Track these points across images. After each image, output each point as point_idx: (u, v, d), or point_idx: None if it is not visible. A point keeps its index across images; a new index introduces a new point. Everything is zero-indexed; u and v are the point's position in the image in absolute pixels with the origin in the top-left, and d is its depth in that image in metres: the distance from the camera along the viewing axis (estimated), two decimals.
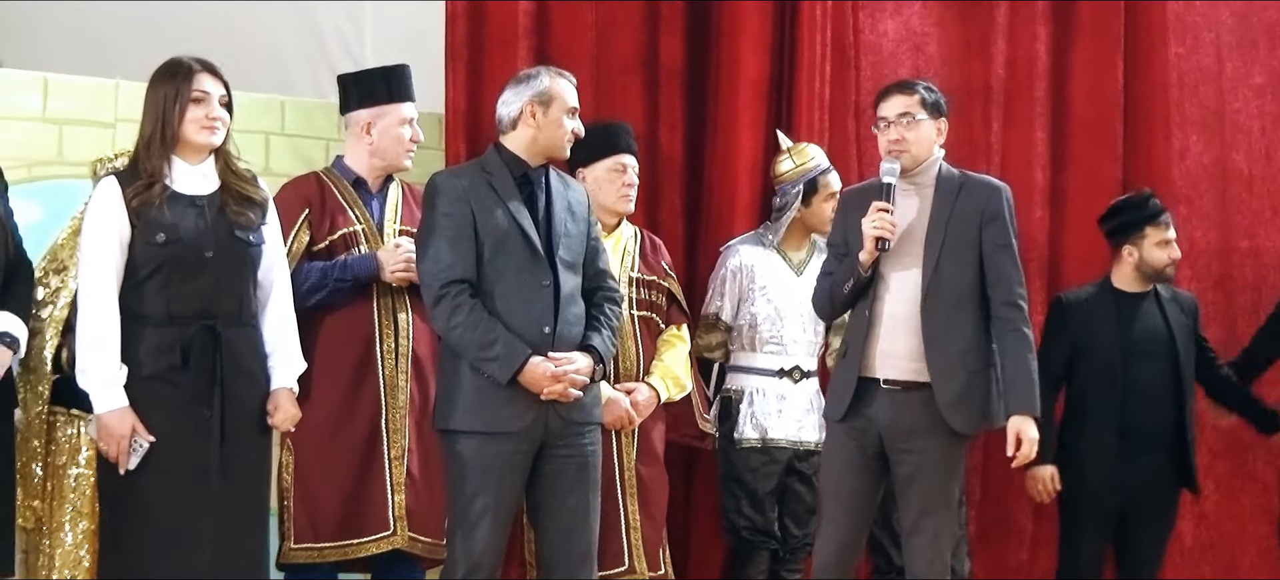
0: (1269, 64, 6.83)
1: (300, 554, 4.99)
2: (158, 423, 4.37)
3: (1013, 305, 4.78)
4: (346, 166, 5.17)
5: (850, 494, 4.90)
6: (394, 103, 5.14)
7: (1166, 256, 5.86)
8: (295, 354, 4.63)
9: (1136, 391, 5.77)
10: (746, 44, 6.28)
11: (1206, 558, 6.68)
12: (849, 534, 4.92)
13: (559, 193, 4.82)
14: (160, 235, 4.38)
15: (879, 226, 4.76)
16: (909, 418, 4.77)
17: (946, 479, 4.83)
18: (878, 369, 4.83)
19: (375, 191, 5.17)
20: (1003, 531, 6.55)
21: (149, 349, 4.38)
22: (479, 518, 4.64)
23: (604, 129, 5.61)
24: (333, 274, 4.98)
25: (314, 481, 5.00)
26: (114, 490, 4.43)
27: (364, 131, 5.13)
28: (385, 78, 5.18)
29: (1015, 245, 4.83)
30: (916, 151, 4.86)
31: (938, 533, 4.81)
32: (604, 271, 4.90)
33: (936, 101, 4.91)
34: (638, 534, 5.39)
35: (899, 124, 4.85)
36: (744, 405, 5.77)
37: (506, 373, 4.58)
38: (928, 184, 4.87)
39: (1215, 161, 6.79)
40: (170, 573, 4.37)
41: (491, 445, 4.63)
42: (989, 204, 4.82)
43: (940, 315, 4.76)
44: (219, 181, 4.51)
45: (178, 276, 4.40)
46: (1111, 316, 5.83)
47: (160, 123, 4.44)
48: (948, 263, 4.77)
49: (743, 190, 6.20)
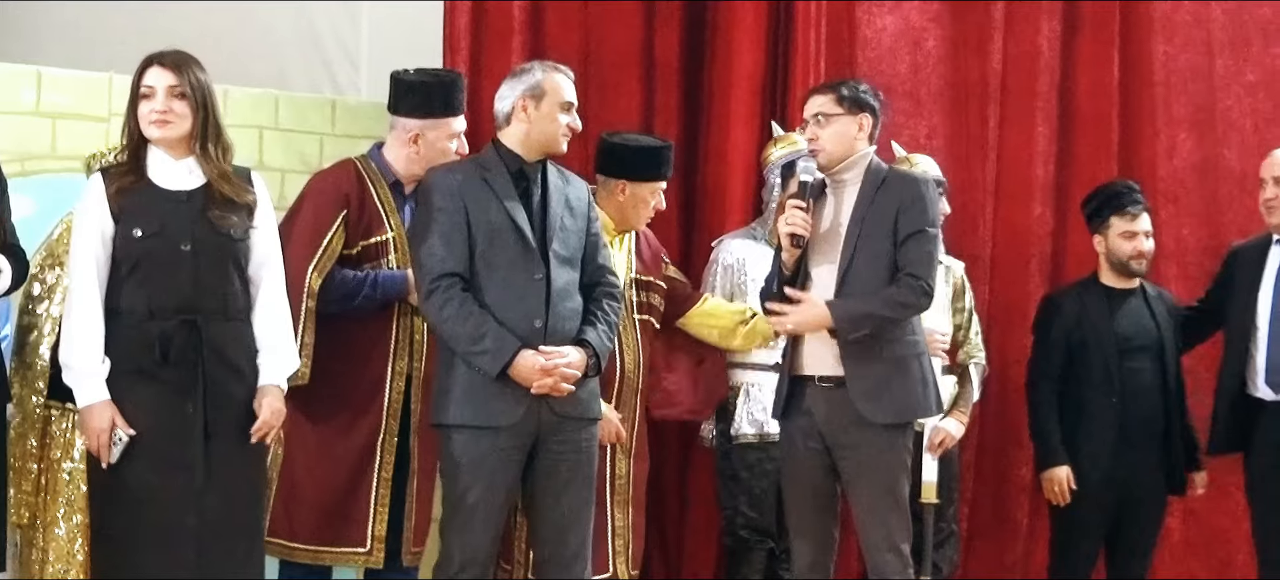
0: (1262, 61, 6.81)
1: (272, 548, 4.95)
2: (139, 417, 4.34)
3: (910, 274, 4.75)
4: (387, 164, 5.10)
5: (810, 493, 4.89)
6: (449, 116, 5.10)
7: (1131, 248, 5.82)
8: (287, 352, 4.58)
9: (1127, 389, 5.75)
10: (742, 40, 6.29)
11: (1197, 555, 6.70)
12: (820, 534, 4.92)
13: (557, 188, 4.79)
14: (137, 230, 4.36)
15: (791, 223, 4.79)
16: (843, 413, 4.77)
17: (890, 472, 4.80)
18: (808, 367, 4.85)
19: (408, 195, 5.10)
20: (997, 528, 6.56)
21: (129, 343, 4.36)
22: (472, 512, 4.62)
23: (656, 152, 5.60)
24: (363, 289, 4.95)
25: (299, 481, 4.99)
26: (100, 485, 4.41)
27: (412, 140, 5.06)
28: (441, 89, 5.12)
29: (932, 233, 4.81)
30: (832, 149, 4.86)
31: (890, 526, 4.79)
32: (604, 267, 4.87)
33: (858, 98, 4.89)
34: (623, 540, 5.40)
35: (814, 123, 4.87)
36: (741, 401, 5.75)
37: (496, 366, 4.57)
38: (854, 180, 4.87)
39: (1205, 159, 6.79)
40: (153, 567, 4.35)
41: (484, 440, 4.61)
42: (906, 193, 4.81)
43: None
44: (204, 178, 4.45)
45: (156, 271, 4.37)
46: (1102, 313, 5.81)
47: (129, 120, 4.45)
48: (862, 256, 4.77)
49: (737, 186, 6.21)
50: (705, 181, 6.34)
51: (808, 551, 4.92)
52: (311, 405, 4.89)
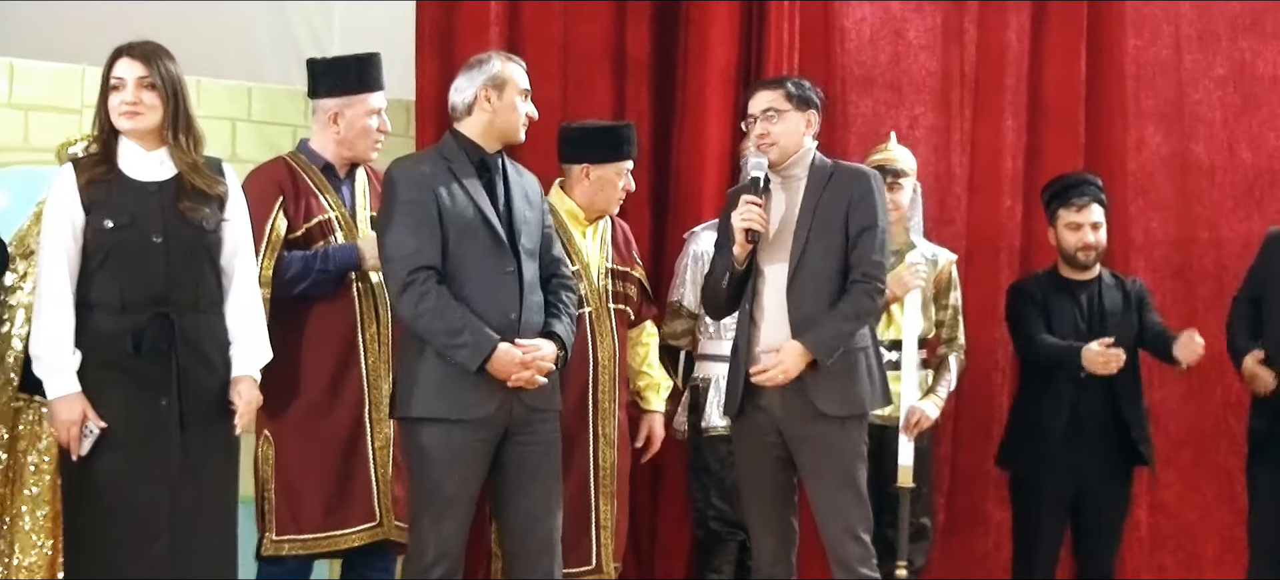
0: (1231, 55, 6.85)
1: (284, 546, 4.94)
2: (111, 410, 4.31)
3: (863, 277, 4.75)
4: (314, 151, 5.09)
5: (768, 488, 4.88)
6: (363, 93, 5.06)
7: (1077, 239, 5.83)
8: (259, 342, 4.55)
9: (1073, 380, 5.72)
10: (715, 33, 6.25)
11: (1166, 547, 6.71)
12: (780, 528, 4.90)
13: (516, 181, 4.80)
14: (108, 221, 4.33)
15: (747, 218, 4.76)
16: (798, 406, 4.75)
17: (848, 462, 4.79)
18: (762, 361, 4.81)
19: (343, 178, 5.11)
20: (970, 521, 6.56)
21: (101, 335, 4.33)
22: (445, 506, 4.61)
23: (615, 133, 5.58)
24: (315, 264, 4.92)
25: (295, 472, 4.94)
26: (71, 479, 4.39)
27: (331, 120, 5.06)
28: (356, 66, 5.10)
29: (881, 227, 4.79)
30: (784, 144, 4.86)
31: (850, 514, 4.78)
32: (559, 259, 4.90)
33: (804, 95, 4.91)
34: (608, 533, 5.35)
35: (765, 119, 4.86)
36: (711, 393, 5.70)
37: (476, 360, 4.55)
38: (800, 176, 4.87)
39: (1174, 153, 6.81)
40: (126, 561, 4.32)
41: (456, 433, 4.60)
42: (855, 189, 4.80)
43: (806, 302, 4.75)
44: (175, 169, 4.43)
45: (128, 262, 4.34)
46: (1062, 304, 5.82)
47: (100, 111, 4.41)
48: (813, 250, 4.76)
49: (710, 180, 6.17)
50: (678, 175, 6.32)
51: (769, 546, 4.90)
52: (291, 394, 4.88)
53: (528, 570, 4.72)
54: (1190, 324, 6.39)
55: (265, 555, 4.97)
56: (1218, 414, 6.34)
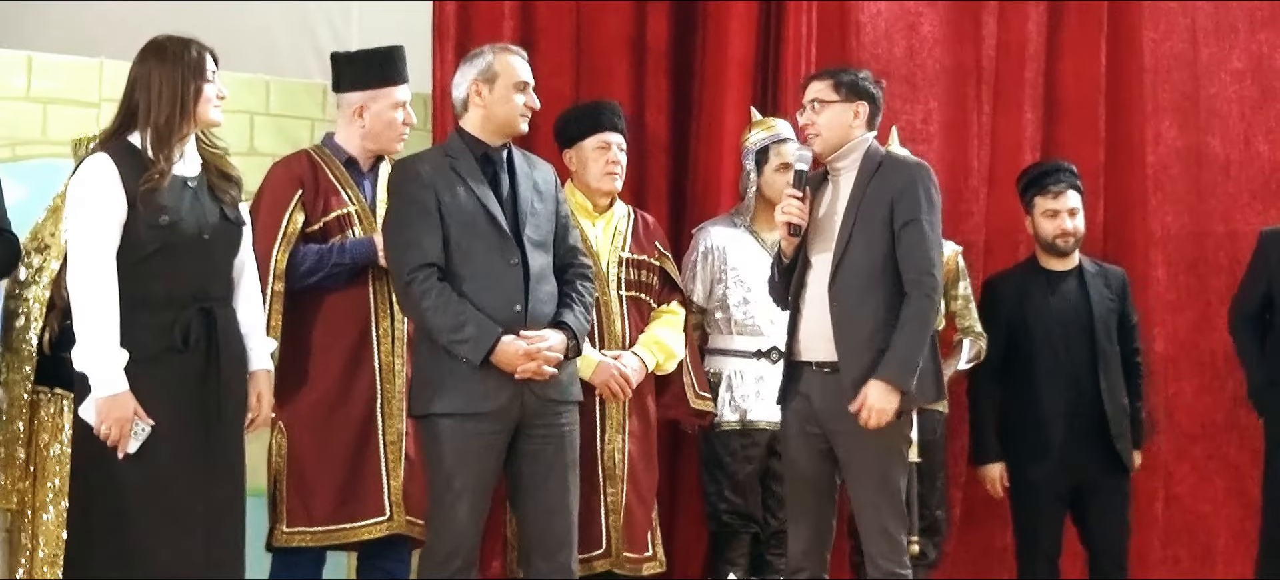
0: (1249, 49, 6.84)
1: (294, 537, 4.92)
2: (159, 406, 4.25)
3: (916, 280, 4.64)
4: (338, 145, 5.08)
5: (807, 479, 4.82)
6: (388, 86, 5.06)
7: (1054, 227, 5.81)
8: (265, 335, 4.58)
9: (1066, 370, 5.72)
10: (733, 25, 6.25)
11: (1180, 540, 6.70)
12: (815, 523, 4.83)
13: (524, 172, 4.76)
14: (164, 217, 4.25)
15: (788, 213, 4.75)
16: (838, 399, 4.66)
17: (884, 459, 4.70)
18: (805, 352, 4.78)
19: (366, 172, 5.09)
20: (986, 513, 6.48)
21: (150, 330, 4.26)
22: (457, 499, 4.58)
23: (589, 108, 5.58)
24: (330, 257, 4.91)
25: (308, 464, 4.92)
26: (99, 475, 4.28)
27: (356, 114, 5.05)
28: (380, 60, 5.10)
29: (926, 220, 4.67)
30: (828, 136, 4.78)
31: (881, 512, 4.70)
32: (575, 248, 4.83)
33: (855, 84, 4.81)
34: (617, 516, 5.31)
35: (810, 110, 4.81)
36: (722, 388, 5.69)
37: (479, 353, 4.53)
38: (851, 167, 4.79)
39: (1189, 147, 6.79)
40: (167, 556, 4.27)
41: (468, 426, 4.58)
42: (901, 180, 4.72)
43: (850, 296, 4.67)
44: (201, 161, 4.41)
45: (178, 258, 4.29)
46: (1042, 295, 5.78)
47: (179, 104, 4.31)
48: (857, 243, 4.68)
49: (728, 171, 6.15)
50: (696, 167, 6.32)
51: (803, 537, 4.83)
52: (304, 384, 4.87)
53: (544, 563, 4.68)
54: (1204, 317, 6.53)
55: (276, 546, 4.96)
56: (1229, 408, 6.35)
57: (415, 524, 4.91)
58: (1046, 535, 5.79)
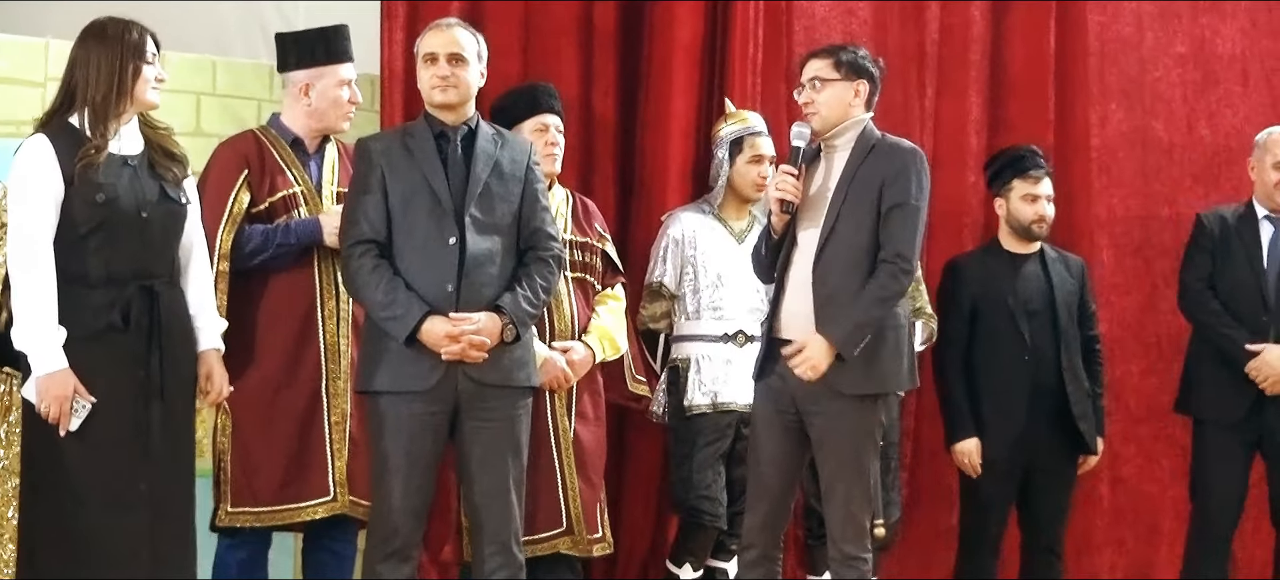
0: (1191, 33, 6.84)
1: (239, 518, 4.94)
2: (99, 384, 4.28)
3: (889, 260, 4.63)
4: (284, 125, 5.10)
5: (771, 456, 4.81)
6: (332, 64, 5.08)
7: (1033, 212, 5.76)
8: (216, 314, 4.61)
9: (1029, 352, 5.69)
10: (681, 8, 6.22)
11: (1125, 520, 6.71)
12: (774, 499, 4.83)
13: (485, 152, 4.73)
14: (100, 195, 4.29)
15: (781, 189, 4.71)
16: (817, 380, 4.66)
17: (858, 441, 4.70)
18: (785, 329, 4.74)
19: (312, 152, 5.11)
20: (934, 493, 6.54)
21: (89, 309, 4.30)
22: (392, 476, 4.62)
23: (525, 90, 5.59)
24: (275, 237, 4.93)
25: (253, 445, 4.94)
26: (47, 453, 4.32)
27: (302, 93, 5.07)
28: (324, 39, 5.11)
29: (914, 206, 4.68)
30: (826, 114, 4.76)
31: (851, 494, 4.70)
32: (541, 230, 4.79)
33: (854, 63, 4.79)
34: (575, 495, 5.31)
35: (810, 87, 4.78)
36: (692, 373, 5.69)
37: (403, 330, 4.55)
38: (846, 146, 4.77)
39: (1135, 130, 6.78)
40: (110, 536, 4.32)
41: (401, 405, 4.61)
42: (892, 164, 4.70)
43: (834, 276, 4.65)
44: (143, 140, 4.44)
45: (116, 236, 4.32)
46: (1005, 277, 5.76)
47: (115, 84, 4.34)
48: (845, 224, 4.67)
49: (676, 154, 6.15)
50: (643, 150, 6.28)
51: (761, 512, 4.83)
52: (249, 364, 4.87)
53: (490, 544, 4.67)
54: (1150, 300, 6.54)
55: (220, 526, 4.97)
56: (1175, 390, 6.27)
57: (359, 505, 4.93)
58: (995, 518, 5.78)
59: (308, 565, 5.16)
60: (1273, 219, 5.75)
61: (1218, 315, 5.73)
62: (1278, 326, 5.62)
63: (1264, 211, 5.74)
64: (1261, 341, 5.61)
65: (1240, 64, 6.83)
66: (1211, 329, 5.76)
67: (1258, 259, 5.72)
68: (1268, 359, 5.59)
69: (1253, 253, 5.72)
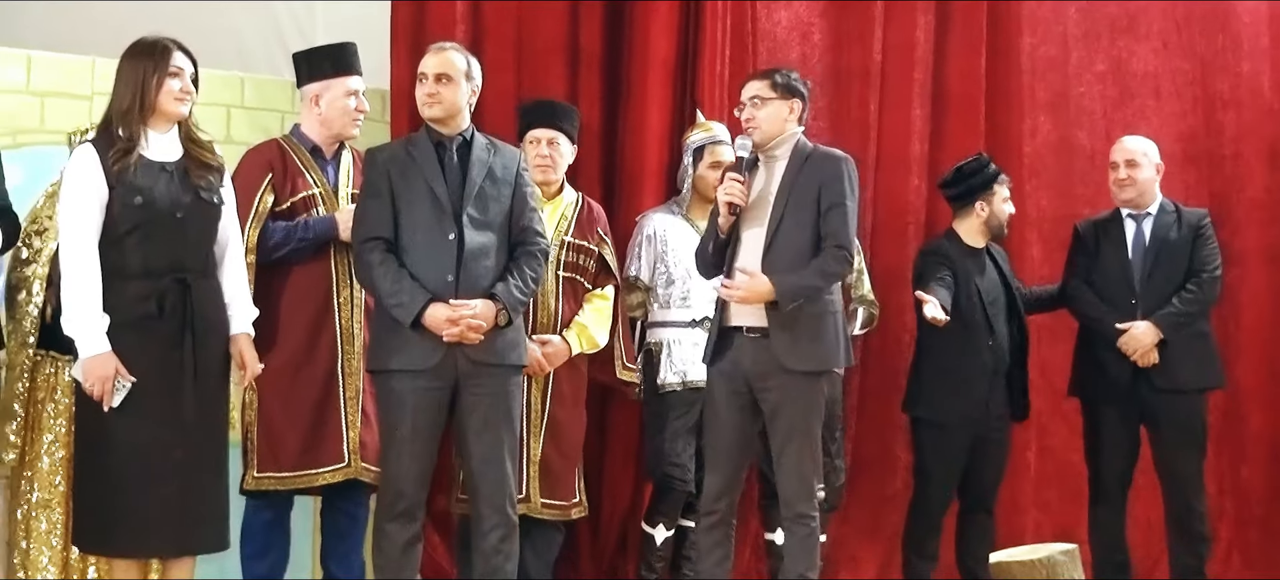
0: (1110, 53, 6.98)
1: (264, 482, 5.06)
2: (137, 365, 4.40)
3: (835, 246, 4.83)
4: (303, 135, 5.20)
5: (727, 431, 4.97)
6: (339, 76, 5.17)
7: (1009, 211, 5.94)
8: (249, 302, 4.69)
9: (993, 333, 5.83)
10: (657, 29, 6.36)
11: (1052, 485, 6.84)
12: (730, 468, 4.99)
13: (480, 160, 4.85)
14: (138, 198, 4.40)
15: (730, 194, 4.88)
16: (766, 359, 4.85)
17: (805, 412, 4.87)
18: (736, 318, 4.92)
19: (329, 158, 5.21)
20: (879, 462, 6.68)
21: (128, 299, 4.42)
22: (400, 445, 4.75)
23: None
24: (296, 234, 5.03)
25: (276, 418, 5.04)
26: (93, 427, 4.45)
27: (314, 102, 5.16)
28: (331, 55, 5.22)
29: (849, 206, 4.85)
30: (767, 128, 4.94)
31: (801, 458, 4.87)
32: (529, 228, 4.92)
33: (789, 84, 4.97)
34: (535, 467, 5.40)
35: (751, 105, 4.95)
36: (664, 355, 5.82)
37: (408, 315, 4.68)
38: (783, 156, 4.95)
39: (1061, 139, 6.92)
40: (143, 499, 4.43)
41: (407, 381, 4.73)
42: (827, 170, 4.88)
43: (782, 268, 4.84)
44: (182, 150, 4.54)
45: (152, 234, 4.44)
46: (973, 269, 5.84)
47: (138, 94, 4.45)
48: (788, 224, 4.85)
49: (652, 158, 6.30)
50: (624, 156, 6.41)
51: (717, 483, 4.99)
52: (273, 346, 4.95)
53: (485, 506, 4.81)
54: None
55: (247, 490, 5.08)
56: None
57: (370, 471, 5.04)
58: (950, 479, 5.84)
59: (325, 525, 5.27)
60: (1135, 216, 5.90)
61: (1093, 304, 5.90)
62: (1145, 306, 5.77)
63: (1126, 211, 5.92)
64: (1131, 321, 5.76)
65: (1154, 81, 6.98)
66: (1089, 317, 5.92)
67: (1123, 251, 5.88)
68: (1135, 334, 5.74)
69: (1119, 248, 5.89)
